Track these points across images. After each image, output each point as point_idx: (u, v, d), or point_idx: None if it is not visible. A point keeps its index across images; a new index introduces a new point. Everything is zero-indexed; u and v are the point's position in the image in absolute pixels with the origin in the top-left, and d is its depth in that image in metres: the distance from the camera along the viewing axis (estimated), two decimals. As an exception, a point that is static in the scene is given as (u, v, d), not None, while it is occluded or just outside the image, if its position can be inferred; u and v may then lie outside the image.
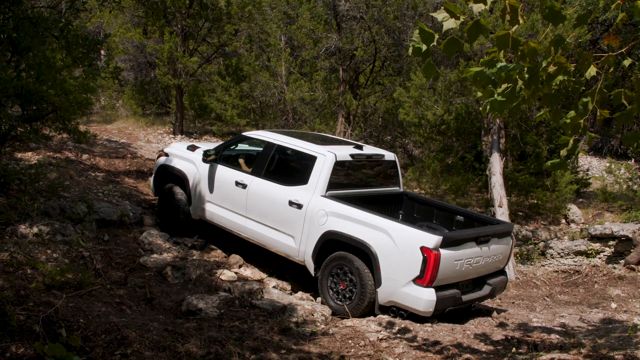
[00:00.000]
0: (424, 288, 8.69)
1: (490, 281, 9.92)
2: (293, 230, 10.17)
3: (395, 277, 8.90)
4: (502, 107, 5.16)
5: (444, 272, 8.74)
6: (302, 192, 10.13)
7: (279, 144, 10.90)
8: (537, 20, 14.62)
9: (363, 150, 10.90)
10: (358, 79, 21.61)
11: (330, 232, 9.64)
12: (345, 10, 19.31)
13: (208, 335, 7.31)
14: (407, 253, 8.80)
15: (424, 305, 8.72)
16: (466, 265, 9.13)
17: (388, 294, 9.01)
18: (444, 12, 4.88)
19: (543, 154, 16.75)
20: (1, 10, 9.37)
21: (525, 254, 16.05)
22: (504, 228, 10.20)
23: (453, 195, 16.95)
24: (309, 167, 10.25)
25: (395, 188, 11.57)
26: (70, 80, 12.04)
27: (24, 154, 13.96)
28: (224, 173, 11.30)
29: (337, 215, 9.64)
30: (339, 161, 10.22)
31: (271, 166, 10.83)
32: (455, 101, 16.74)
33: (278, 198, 10.35)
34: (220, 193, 11.31)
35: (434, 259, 8.56)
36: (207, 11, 19.97)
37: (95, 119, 23.27)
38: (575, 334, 8.66)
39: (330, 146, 10.64)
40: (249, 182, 10.81)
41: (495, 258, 9.78)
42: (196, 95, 22.19)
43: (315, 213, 9.87)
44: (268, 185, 10.56)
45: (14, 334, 5.94)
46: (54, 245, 9.81)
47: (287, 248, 10.32)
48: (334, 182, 10.17)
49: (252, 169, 11.03)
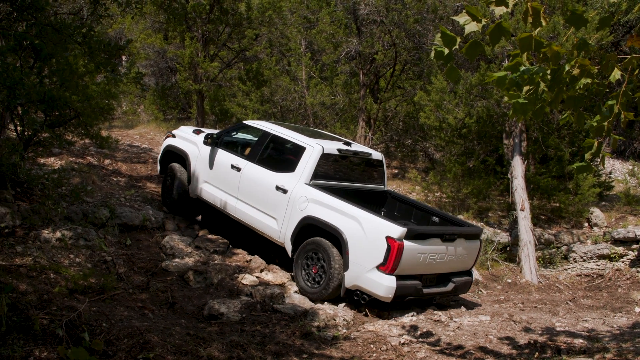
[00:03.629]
0: (386, 275, 9.32)
1: (455, 279, 10.57)
2: (277, 213, 10.86)
3: (361, 263, 9.55)
4: (525, 110, 5.13)
5: (406, 263, 9.37)
6: (288, 178, 10.86)
7: (273, 133, 11.64)
8: (558, 23, 14.51)
9: (351, 147, 11.58)
10: (378, 83, 21.57)
11: (309, 217, 10.31)
12: (365, 14, 19.29)
13: (230, 339, 7.31)
14: (373, 241, 9.44)
15: (384, 291, 9.34)
16: (429, 260, 9.78)
17: (354, 278, 9.63)
18: (465, 15, 4.87)
19: (565, 157, 16.63)
20: (24, 17, 9.45)
21: (547, 258, 15.95)
22: (471, 230, 10.86)
23: (474, 199, 16.87)
24: (297, 156, 10.99)
25: (379, 186, 12.23)
26: (92, 86, 12.12)
27: (47, 159, 14.05)
28: (222, 156, 12.04)
29: (316, 202, 10.32)
30: (326, 153, 10.93)
31: (265, 153, 11.57)
32: (476, 104, 16.65)
33: (267, 182, 11.06)
34: (216, 174, 12.07)
35: (397, 249, 9.19)
36: (227, 16, 20.02)
37: (117, 124, 23.42)
38: (599, 338, 8.57)
39: (320, 139, 11.35)
40: (243, 166, 11.54)
41: (460, 257, 10.45)
42: (217, 100, 22.23)
43: (297, 199, 10.58)
44: (259, 170, 11.28)
45: (37, 338, 5.98)
46: (76, 249, 9.86)
47: (270, 229, 11.00)
48: (319, 173, 10.88)
49: (247, 154, 11.79)
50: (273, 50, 23.07)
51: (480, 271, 14.74)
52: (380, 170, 12.20)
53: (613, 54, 5.13)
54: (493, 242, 15.62)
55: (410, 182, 18.93)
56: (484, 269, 14.92)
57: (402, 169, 21.12)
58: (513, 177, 15.88)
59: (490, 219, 16.86)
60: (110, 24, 23.43)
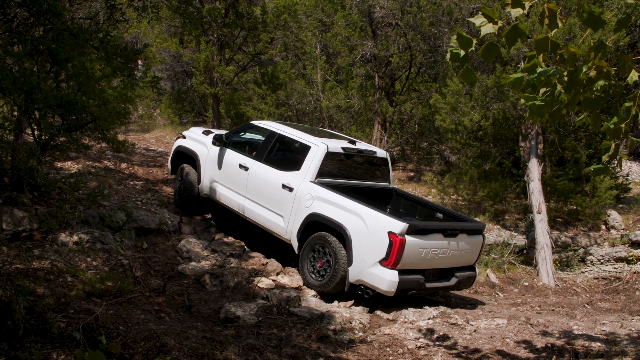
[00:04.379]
0: (389, 269, 9.52)
1: (457, 274, 10.72)
2: (283, 211, 11.10)
3: (364, 258, 9.74)
4: (542, 112, 5.10)
5: (408, 257, 9.56)
6: (294, 177, 11.09)
7: (280, 133, 11.89)
8: (575, 24, 14.44)
9: (355, 145, 11.81)
10: (394, 86, 21.53)
11: (314, 214, 10.55)
12: (381, 17, 19.27)
13: (246, 342, 7.32)
14: (376, 236, 9.65)
15: (387, 285, 9.53)
16: (432, 255, 9.97)
17: (357, 273, 9.84)
18: (481, 17, 4.85)
19: (582, 159, 16.54)
20: (41, 22, 9.50)
21: (564, 261, 15.86)
22: (473, 225, 11.05)
23: (491, 202, 16.81)
24: (303, 155, 11.25)
25: (384, 184, 12.45)
26: (108, 90, 12.18)
27: (64, 163, 14.13)
28: (230, 156, 12.31)
29: (321, 199, 10.55)
30: (330, 152, 11.17)
31: (271, 152, 11.79)
32: (492, 107, 16.59)
33: (274, 181, 11.31)
34: (225, 174, 12.34)
35: (399, 244, 9.39)
36: (242, 20, 20.05)
37: (133, 128, 23.50)
38: (617, 341, 8.51)
39: (325, 138, 11.60)
40: (250, 165, 11.79)
41: (463, 252, 10.62)
42: (232, 104, 22.29)
43: (303, 196, 10.81)
44: (266, 169, 11.54)
45: (55, 341, 6.01)
46: (93, 253, 9.91)
47: (277, 227, 11.25)
48: (324, 171, 11.10)
49: (254, 154, 11.99)
50: (288, 53, 23.11)
51: (496, 274, 14.69)
52: (385, 168, 12.40)
53: (630, 55, 5.09)
54: (510, 245, 15.56)
55: (426, 185, 18.88)
56: (501, 272, 14.87)
57: (418, 172, 21.07)
58: (529, 179, 15.81)
59: (506, 222, 16.79)
60: (126, 29, 23.52)
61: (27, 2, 8.75)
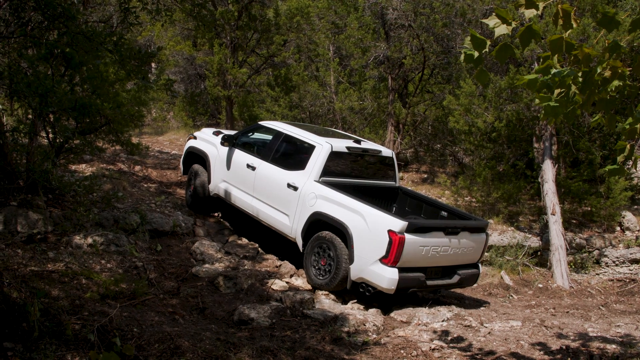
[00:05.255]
0: (389, 267, 9.61)
1: (460, 272, 10.77)
2: (288, 210, 11.26)
3: (365, 256, 9.84)
4: (556, 113, 5.08)
5: (408, 255, 9.64)
6: (299, 176, 11.24)
7: (286, 133, 12.09)
8: (589, 25, 14.38)
9: (360, 145, 11.89)
10: (407, 88, 21.50)
11: (317, 212, 10.67)
12: (393, 18, 19.22)
13: (260, 344, 7.32)
14: (376, 234, 9.74)
15: (387, 283, 9.63)
16: (432, 253, 10.03)
17: (359, 271, 9.93)
18: (495, 18, 4.84)
19: (596, 160, 16.46)
20: (56, 26, 9.55)
21: (579, 263, 15.78)
22: (475, 223, 11.04)
23: (505, 204, 16.75)
24: (308, 154, 11.38)
25: (390, 182, 12.53)
26: (122, 93, 12.24)
27: (78, 166, 14.20)
28: (239, 156, 12.52)
29: (324, 198, 10.67)
30: (335, 151, 11.29)
31: (277, 152, 11.99)
32: (505, 108, 16.53)
33: (279, 180, 11.48)
34: (234, 174, 12.55)
35: (398, 242, 9.48)
36: (255, 23, 20.09)
37: (147, 131, 23.59)
38: (633, 343, 8.46)
39: (330, 138, 11.71)
40: (257, 165, 11.99)
41: (466, 250, 10.66)
42: (246, 106, 22.33)
43: (307, 195, 10.94)
44: (272, 169, 11.73)
45: (70, 343, 6.03)
46: (108, 255, 9.95)
47: (283, 225, 11.40)
48: (328, 170, 11.24)
49: (261, 154, 12.20)
50: (301, 55, 23.10)
51: (511, 276, 14.64)
52: (391, 166, 12.49)
53: (645, 55, 5.07)
54: (524, 246, 15.51)
55: (439, 187, 18.84)
56: (515, 273, 14.81)
57: (431, 174, 21.03)
58: (544, 181, 15.74)
59: (520, 224, 16.72)
60: (140, 32, 23.62)
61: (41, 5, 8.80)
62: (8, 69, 9.58)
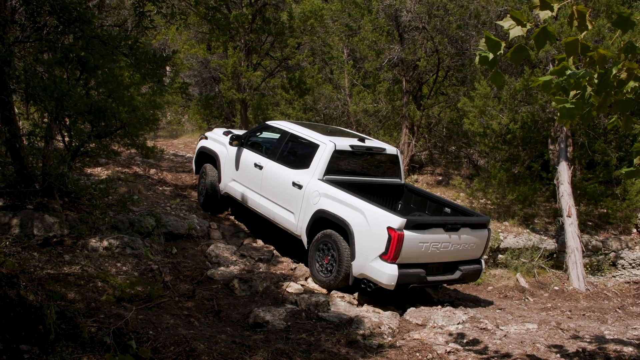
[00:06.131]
0: (388, 263, 9.78)
1: (462, 267, 10.92)
2: (294, 208, 11.48)
3: (366, 252, 10.03)
4: (572, 115, 5.06)
5: (407, 252, 9.82)
6: (303, 174, 11.44)
7: (291, 132, 12.30)
8: (603, 26, 14.31)
9: (365, 143, 12.05)
10: (421, 90, 21.43)
11: (320, 210, 10.87)
12: (407, 21, 19.18)
13: (275, 347, 7.33)
14: (376, 231, 9.92)
15: (387, 279, 9.79)
16: (432, 249, 10.17)
17: (360, 267, 10.11)
18: (510, 20, 4.83)
19: (612, 162, 16.37)
20: (71, 30, 9.61)
21: (595, 265, 15.70)
22: (476, 220, 11.17)
23: (520, 206, 16.68)
24: (312, 153, 11.58)
25: (395, 180, 12.66)
26: (137, 97, 12.29)
27: (94, 169, 14.26)
28: (247, 155, 12.77)
29: (326, 196, 10.87)
30: (338, 150, 11.47)
31: (283, 151, 12.23)
32: (520, 110, 16.47)
33: (285, 179, 11.70)
34: (242, 173, 12.81)
35: (397, 238, 9.66)
36: (269, 26, 20.11)
37: (162, 134, 23.68)
38: (650, 346, 8.40)
39: (334, 137, 11.89)
40: (264, 164, 12.23)
41: (467, 246, 10.80)
42: (260, 109, 22.34)
43: (311, 193, 11.15)
44: (279, 168, 11.96)
45: (86, 345, 6.06)
46: (123, 258, 9.99)
47: (289, 223, 11.62)
48: (332, 168, 11.42)
49: (268, 153, 12.46)
50: (315, 58, 23.10)
51: (526, 278, 14.58)
52: (396, 164, 12.62)
53: (661, 56, 5.04)
54: (539, 249, 15.44)
55: (454, 189, 18.79)
56: (531, 276, 14.76)
57: (446, 176, 20.97)
58: (559, 183, 15.67)
59: (536, 226, 16.66)
60: (154, 35, 23.69)
61: (57, 10, 8.86)
62: (24, 73, 9.66)
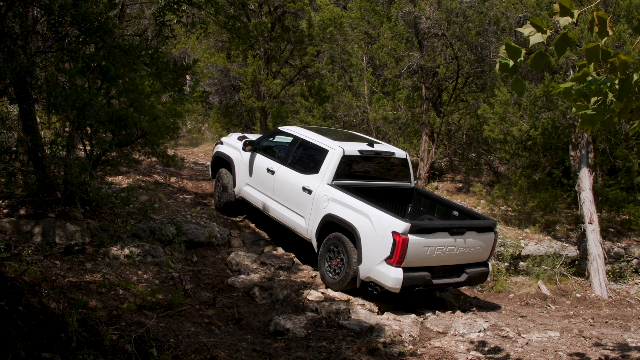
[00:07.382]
0: (393, 267, 9.92)
1: (468, 270, 11.02)
2: (304, 212, 11.69)
3: (372, 256, 10.18)
4: (593, 121, 5.04)
5: (412, 255, 9.95)
6: (313, 179, 11.63)
7: (302, 137, 12.50)
8: (624, 31, 14.21)
9: (374, 147, 12.19)
10: (441, 97, 21.38)
11: (329, 214, 11.05)
12: (427, 28, 19.16)
13: (296, 355, 7.33)
14: (382, 236, 10.06)
15: (392, 282, 9.94)
16: (437, 252, 10.29)
17: (366, 271, 10.27)
18: (530, 26, 4.81)
19: (634, 168, 16.22)
20: (92, 40, 9.68)
21: (617, 272, 15.56)
22: (482, 223, 11.22)
23: (541, 212, 16.58)
24: (321, 158, 11.75)
25: (405, 183, 12.83)
26: (158, 105, 12.37)
27: (115, 178, 14.34)
28: (260, 160, 13.00)
29: (335, 200, 11.04)
30: (347, 155, 11.63)
31: (294, 157, 12.43)
32: (541, 116, 16.38)
33: (296, 184, 11.90)
34: (255, 177, 13.05)
35: (402, 243, 9.79)
36: (289, 34, 20.17)
37: (182, 143, 23.77)
38: (674, 354, 8.32)
39: (343, 142, 12.01)
40: (276, 169, 12.44)
41: (473, 249, 10.87)
42: (280, 117, 22.37)
43: (320, 198, 11.33)
44: (290, 173, 12.16)
45: (107, 353, 6.08)
46: (144, 266, 10.04)
47: (299, 227, 11.82)
48: (342, 173, 11.59)
49: (280, 158, 12.67)
50: (335, 66, 23.15)
51: (548, 286, 14.48)
52: (405, 167, 12.73)
53: (683, 61, 4.99)
54: (561, 256, 15.33)
55: (475, 196, 18.71)
56: (552, 283, 14.65)
57: (466, 183, 20.90)
58: (580, 189, 15.56)
59: (557, 233, 16.54)
60: (174, 44, 23.84)
61: (78, 20, 8.92)
62: (46, 83, 9.73)
